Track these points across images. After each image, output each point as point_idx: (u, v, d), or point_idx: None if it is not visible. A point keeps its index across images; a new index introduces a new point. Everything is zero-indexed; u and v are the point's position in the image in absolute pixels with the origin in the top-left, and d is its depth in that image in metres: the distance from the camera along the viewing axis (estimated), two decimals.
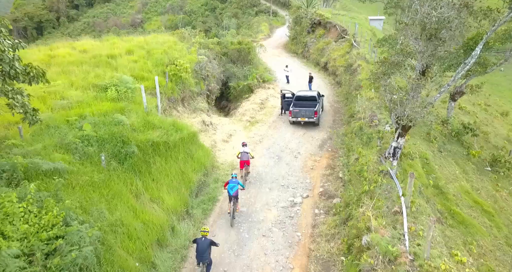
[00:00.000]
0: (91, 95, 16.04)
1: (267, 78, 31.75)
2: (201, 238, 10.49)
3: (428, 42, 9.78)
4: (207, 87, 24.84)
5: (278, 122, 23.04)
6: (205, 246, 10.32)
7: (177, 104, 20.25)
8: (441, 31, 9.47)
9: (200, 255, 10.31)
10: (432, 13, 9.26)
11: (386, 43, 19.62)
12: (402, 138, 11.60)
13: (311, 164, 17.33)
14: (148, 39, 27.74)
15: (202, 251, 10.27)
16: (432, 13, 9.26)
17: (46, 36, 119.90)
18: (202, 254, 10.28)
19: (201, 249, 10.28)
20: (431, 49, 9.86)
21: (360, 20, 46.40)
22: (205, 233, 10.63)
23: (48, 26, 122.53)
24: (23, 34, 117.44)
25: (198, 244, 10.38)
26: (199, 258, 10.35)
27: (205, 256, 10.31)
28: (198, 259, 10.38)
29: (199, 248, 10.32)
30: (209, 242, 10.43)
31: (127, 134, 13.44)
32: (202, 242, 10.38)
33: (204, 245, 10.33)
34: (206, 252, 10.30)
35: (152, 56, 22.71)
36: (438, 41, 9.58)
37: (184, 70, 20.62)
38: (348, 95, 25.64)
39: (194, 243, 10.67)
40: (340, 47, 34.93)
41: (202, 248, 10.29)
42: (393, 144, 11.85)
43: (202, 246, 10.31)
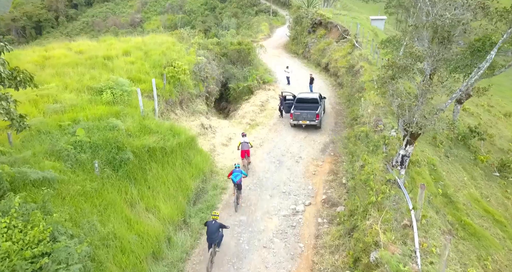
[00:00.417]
0: (85, 98, 15.48)
1: (267, 79, 31.19)
2: (212, 221, 11.28)
3: (440, 45, 9.24)
4: (206, 89, 24.29)
5: (279, 125, 22.48)
6: (214, 228, 11.14)
7: (175, 106, 19.70)
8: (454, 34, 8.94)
9: (210, 236, 11.15)
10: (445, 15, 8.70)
11: (390, 45, 19.08)
12: (410, 146, 11.04)
13: (313, 169, 16.78)
14: (146, 39, 27.19)
15: (212, 233, 11.11)
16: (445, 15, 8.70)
17: (45, 36, 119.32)
18: (212, 236, 11.13)
19: (211, 231, 11.11)
20: (442, 52, 9.32)
21: (361, 20, 45.82)
22: (216, 217, 11.47)
23: (47, 25, 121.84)
24: (21, 33, 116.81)
25: (209, 227, 11.20)
26: (209, 239, 11.18)
27: (214, 237, 11.15)
28: (209, 241, 11.21)
29: (209, 230, 11.14)
30: (218, 225, 11.26)
31: (122, 140, 12.88)
32: (212, 225, 11.17)
33: (214, 227, 11.14)
34: (215, 234, 11.15)
35: (149, 57, 22.16)
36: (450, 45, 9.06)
37: (183, 72, 20.06)
38: (351, 97, 25.08)
39: (205, 225, 11.49)
40: (342, 48, 34.37)
41: (212, 230, 11.11)
42: (401, 152, 11.30)
43: (212, 228, 11.13)
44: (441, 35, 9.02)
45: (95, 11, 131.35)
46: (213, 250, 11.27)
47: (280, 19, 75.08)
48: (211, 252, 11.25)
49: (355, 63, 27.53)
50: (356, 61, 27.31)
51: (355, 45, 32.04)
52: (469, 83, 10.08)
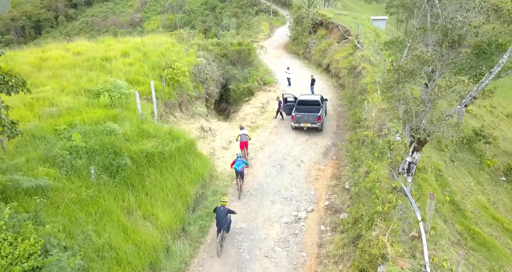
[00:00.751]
0: (82, 101, 15.12)
1: (267, 80, 30.83)
2: (221, 207, 11.99)
3: (450, 49, 8.87)
4: (206, 91, 23.93)
5: (280, 127, 22.12)
6: (223, 214, 11.79)
7: (174, 109, 19.34)
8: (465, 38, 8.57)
9: (219, 221, 11.74)
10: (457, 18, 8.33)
11: (393, 46, 18.71)
12: (417, 153, 10.68)
13: (315, 174, 16.42)
14: (145, 40, 26.84)
15: (221, 218, 11.74)
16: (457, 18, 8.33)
17: (44, 35, 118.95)
18: (221, 221, 11.72)
19: (220, 216, 11.74)
20: (452, 56, 8.96)
21: (362, 20, 45.46)
22: (224, 203, 12.18)
23: (46, 25, 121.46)
24: (21, 33, 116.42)
25: (218, 212, 11.84)
26: (218, 224, 11.77)
27: (223, 222, 11.75)
28: (218, 226, 11.79)
29: (218, 216, 11.78)
30: (227, 211, 11.95)
31: (119, 145, 12.52)
32: (221, 211, 11.85)
33: (223, 213, 11.80)
34: (224, 219, 11.77)
35: (148, 58, 21.80)
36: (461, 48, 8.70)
37: (182, 74, 19.69)
38: (352, 99, 24.73)
39: (214, 211, 12.08)
40: (343, 49, 34.00)
41: (221, 215, 11.76)
42: (408, 159, 10.94)
43: (221, 214, 11.78)
44: (451, 39, 8.66)
45: (95, 11, 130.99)
46: (222, 235, 11.83)
47: (281, 19, 74.74)
48: (220, 236, 11.76)
49: (357, 64, 27.17)
50: (358, 62, 26.95)
51: (357, 46, 31.69)
52: (479, 88, 9.73)
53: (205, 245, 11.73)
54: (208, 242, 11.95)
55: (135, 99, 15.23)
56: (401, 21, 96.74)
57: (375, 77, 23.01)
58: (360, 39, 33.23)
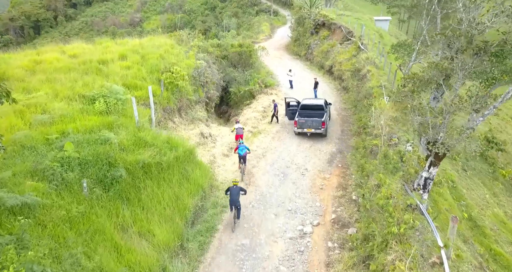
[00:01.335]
0: (76, 107, 14.38)
1: (269, 83, 30.11)
2: (233, 187, 12.87)
3: (475, 57, 8.15)
4: (206, 94, 23.21)
5: (282, 133, 21.39)
6: (236, 192, 12.72)
7: (173, 114, 18.61)
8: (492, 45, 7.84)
9: (233, 199, 12.66)
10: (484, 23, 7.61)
11: (401, 49, 17.98)
12: (434, 168, 9.96)
13: (320, 183, 15.69)
14: (144, 42, 26.11)
15: (234, 195, 12.66)
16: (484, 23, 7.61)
17: (44, 36, 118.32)
18: (234, 198, 12.65)
19: (234, 194, 12.68)
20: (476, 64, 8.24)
21: (365, 21, 44.73)
22: (236, 183, 13.12)
23: (45, 25, 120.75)
24: (20, 33, 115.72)
25: (231, 191, 12.75)
26: (232, 202, 12.70)
27: (236, 200, 12.68)
28: (231, 204, 12.73)
29: (232, 194, 12.70)
30: (239, 189, 12.88)
31: (114, 155, 11.80)
32: (234, 189, 12.78)
33: (235, 191, 12.72)
34: (237, 197, 12.70)
35: (147, 61, 21.10)
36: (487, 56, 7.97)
37: (181, 78, 18.97)
38: (357, 103, 24.00)
39: (227, 191, 12.96)
40: (346, 50, 33.27)
41: (234, 193, 12.70)
42: (424, 175, 10.22)
43: (234, 192, 12.72)
44: (476, 46, 7.93)
45: (94, 11, 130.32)
46: (235, 213, 12.87)
47: (281, 19, 74.01)
48: (233, 213, 12.84)
49: (361, 67, 26.44)
50: (362, 65, 26.21)
51: (360, 48, 30.96)
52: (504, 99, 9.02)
53: (204, 264, 10.98)
54: (208, 261, 11.18)
55: (132, 105, 14.50)
56: (403, 21, 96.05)
57: (381, 80, 22.31)
58: (363, 40, 32.50)
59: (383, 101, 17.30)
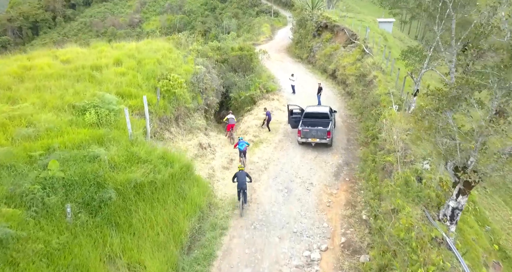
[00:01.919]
0: (65, 119, 13.32)
1: (270, 87, 29.07)
2: (240, 171, 13.85)
3: None
4: (205, 101, 22.16)
5: (285, 142, 20.35)
6: (243, 176, 13.66)
7: (170, 124, 17.58)
8: None
9: (241, 183, 13.55)
10: None
11: (411, 56, 16.93)
12: (463, 197, 8.89)
13: (327, 199, 14.65)
14: (141, 45, 25.06)
15: (242, 178, 13.59)
16: None
17: (42, 36, 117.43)
18: (242, 181, 13.55)
19: (241, 177, 13.61)
20: None
21: (368, 22, 43.71)
22: (242, 168, 14.26)
23: (44, 26, 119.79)
24: (18, 34, 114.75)
25: (239, 176, 13.65)
26: (239, 186, 13.58)
27: (244, 183, 13.56)
28: (239, 187, 13.59)
29: (239, 178, 13.60)
30: (245, 173, 13.89)
31: (103, 174, 10.78)
32: (240, 174, 13.73)
33: (242, 176, 13.67)
34: (244, 180, 13.62)
35: (143, 67, 20.06)
36: None
37: (179, 85, 17.93)
38: (363, 110, 22.96)
39: (234, 177, 13.89)
40: (350, 54, 32.24)
41: (241, 178, 13.60)
42: (451, 204, 9.17)
43: (241, 177, 13.64)
44: None
45: (93, 11, 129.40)
46: (242, 199, 13.67)
47: (282, 20, 73.04)
48: (242, 198, 13.67)
49: (367, 72, 25.39)
50: (368, 70, 25.17)
51: (365, 51, 29.92)
52: None
53: None
54: None
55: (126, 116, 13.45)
56: (405, 22, 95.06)
57: (388, 87, 21.27)
58: (368, 43, 31.45)
59: (393, 111, 16.25)
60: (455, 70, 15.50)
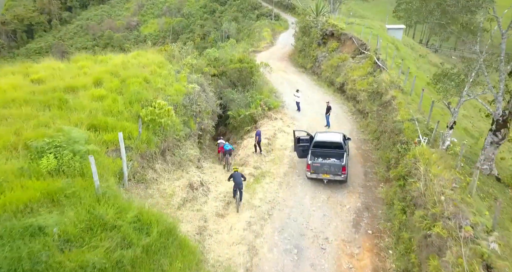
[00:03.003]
0: (14, 167, 10.39)
1: (273, 104, 26.16)
2: (235, 172, 14.58)
3: None
4: (198, 126, 19.22)
5: (291, 175, 17.43)
6: (239, 177, 14.40)
7: (154, 160, 14.63)
8: None
9: (237, 182, 14.35)
10: None
11: (446, 80, 14.00)
12: None
13: (347, 264, 11.70)
14: (129, 59, 22.24)
15: (238, 178, 14.37)
16: None
17: (37, 40, 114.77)
18: (238, 181, 14.33)
19: (237, 179, 14.36)
20: None
21: (377, 29, 40.79)
22: (237, 169, 15.12)
23: (39, 29, 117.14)
24: (12, 37, 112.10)
25: (235, 177, 14.42)
26: (236, 185, 14.39)
27: (240, 183, 14.35)
28: (236, 186, 14.43)
29: (236, 178, 14.38)
30: (241, 174, 14.61)
31: (49, 258, 7.84)
32: (237, 174, 14.48)
33: (238, 176, 14.41)
34: (240, 180, 14.40)
35: (127, 87, 17.28)
36: None
37: (166, 113, 15.00)
38: (380, 134, 20.01)
39: (231, 177, 14.69)
40: (360, 66, 29.30)
41: (238, 178, 14.38)
42: None
43: (237, 176, 14.41)
44: None
45: (90, 14, 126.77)
46: (237, 197, 14.50)
47: (283, 24, 70.29)
48: (238, 196, 14.49)
49: (382, 90, 22.44)
50: (383, 88, 22.20)
51: (377, 63, 27.03)
52: None
53: None
54: None
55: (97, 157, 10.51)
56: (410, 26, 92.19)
57: (410, 109, 18.33)
58: (380, 54, 28.55)
59: (425, 149, 13.29)
60: (502, 98, 12.59)
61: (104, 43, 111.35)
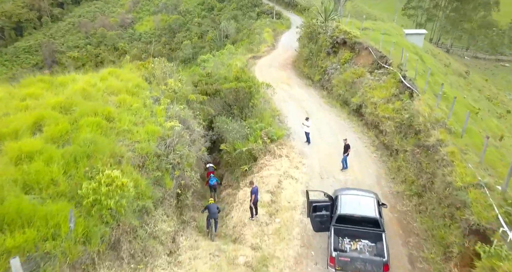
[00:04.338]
0: None
1: (276, 134, 21.09)
2: (211, 204, 14.61)
3: None
4: (177, 182, 14.12)
5: (305, 263, 12.39)
6: (214, 207, 14.47)
7: (97, 264, 9.53)
8: None
9: (212, 213, 14.37)
10: None
11: None
12: None
13: None
14: (96, 82, 17.28)
15: (213, 208, 14.42)
16: None
17: (26, 38, 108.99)
18: (213, 211, 14.38)
19: (212, 209, 14.40)
20: None
21: (394, 36, 35.61)
22: (212, 201, 15.22)
23: (28, 26, 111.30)
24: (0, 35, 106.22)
25: (210, 208, 14.48)
26: (211, 215, 14.45)
27: (215, 213, 14.43)
28: (210, 217, 14.51)
29: (211, 210, 14.42)
30: (216, 206, 14.72)
31: None
32: (212, 205, 14.54)
33: (214, 207, 14.48)
34: (215, 211, 14.43)
35: (77, 132, 12.50)
36: None
37: (118, 189, 9.90)
38: (422, 189, 14.96)
39: (206, 208, 14.75)
40: (381, 85, 24.11)
41: (213, 209, 14.40)
42: None
43: (213, 208, 14.44)
44: None
45: (83, 11, 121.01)
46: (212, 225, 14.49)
47: (285, 22, 65.25)
48: (211, 226, 14.51)
49: (418, 125, 17.31)
50: (421, 124, 17.04)
51: (403, 82, 21.95)
52: None
53: None
54: None
55: None
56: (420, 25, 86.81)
57: (468, 162, 13.19)
58: (405, 71, 23.38)
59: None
60: None
61: (97, 41, 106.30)
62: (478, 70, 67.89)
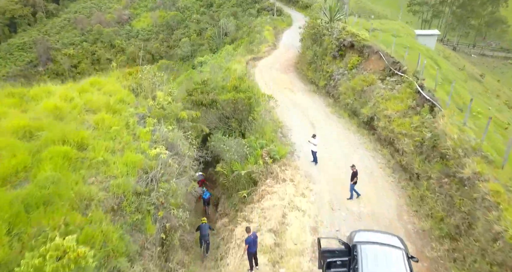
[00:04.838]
0: None
1: (279, 153, 18.69)
2: (203, 224, 14.63)
3: None
4: (160, 227, 11.72)
5: None
6: (206, 228, 14.49)
7: None
8: None
9: (203, 235, 14.41)
10: None
11: None
12: None
13: None
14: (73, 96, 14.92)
15: (205, 230, 14.45)
16: None
17: (20, 34, 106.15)
18: (205, 233, 14.39)
19: (204, 230, 14.43)
20: None
21: (404, 37, 33.10)
22: (205, 221, 14.98)
23: (22, 22, 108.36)
24: None
25: (202, 229, 14.50)
26: (202, 237, 14.45)
27: (206, 235, 14.45)
28: (202, 238, 14.47)
29: (202, 230, 14.45)
30: (208, 226, 14.77)
31: None
32: (204, 226, 14.53)
33: (206, 228, 14.50)
34: (207, 232, 14.47)
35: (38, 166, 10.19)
36: None
37: (72, 263, 7.48)
38: (456, 230, 12.59)
39: (198, 229, 14.79)
40: (395, 95, 21.60)
41: (205, 230, 14.44)
42: None
43: (204, 228, 14.47)
44: None
45: (79, 7, 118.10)
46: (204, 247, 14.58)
47: (286, 19, 62.69)
48: (204, 248, 14.63)
49: (444, 149, 14.87)
50: (449, 148, 14.60)
51: (420, 92, 19.54)
52: None
53: None
54: None
55: None
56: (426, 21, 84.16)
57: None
58: (423, 79, 20.93)
59: None
60: None
61: (93, 38, 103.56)
62: (486, 69, 65.40)
